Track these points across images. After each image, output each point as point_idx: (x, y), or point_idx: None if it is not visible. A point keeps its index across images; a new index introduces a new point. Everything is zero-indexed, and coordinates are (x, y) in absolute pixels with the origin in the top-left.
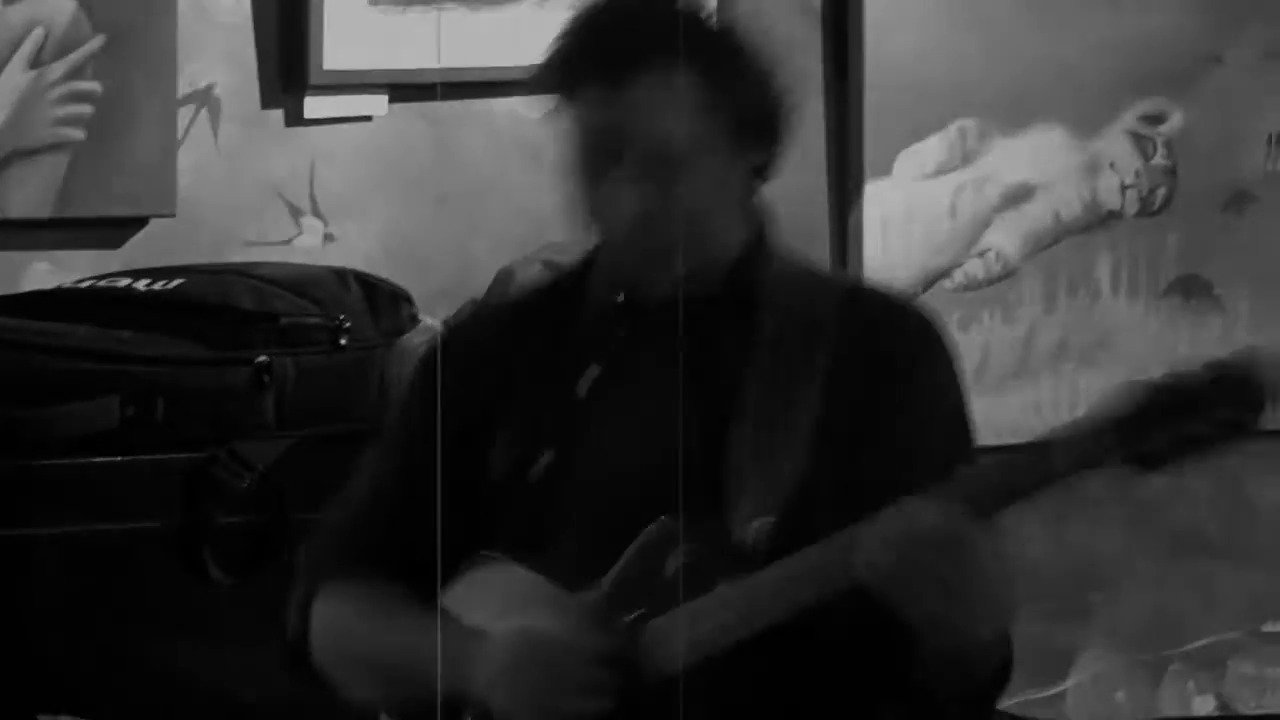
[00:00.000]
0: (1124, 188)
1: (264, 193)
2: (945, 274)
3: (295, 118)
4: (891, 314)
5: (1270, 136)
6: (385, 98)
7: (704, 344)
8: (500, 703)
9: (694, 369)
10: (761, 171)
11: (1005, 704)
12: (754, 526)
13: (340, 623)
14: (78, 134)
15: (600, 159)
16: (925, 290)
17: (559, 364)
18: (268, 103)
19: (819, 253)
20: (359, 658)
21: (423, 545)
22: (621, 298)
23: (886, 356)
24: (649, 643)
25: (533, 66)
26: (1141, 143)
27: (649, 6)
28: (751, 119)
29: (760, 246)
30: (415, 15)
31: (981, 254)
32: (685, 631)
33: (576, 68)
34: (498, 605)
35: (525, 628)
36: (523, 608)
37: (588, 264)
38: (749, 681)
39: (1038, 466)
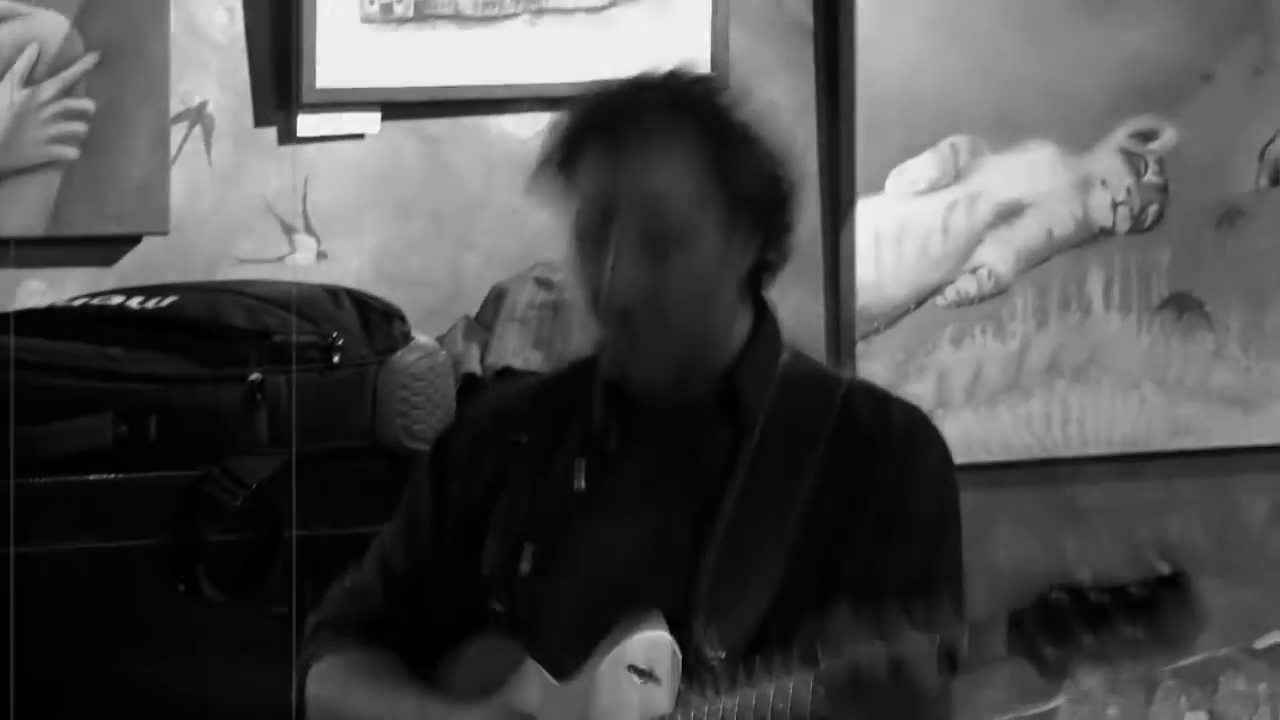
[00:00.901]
0: (1115, 205)
1: (257, 210)
2: (938, 290)
3: (288, 135)
4: (880, 413)
5: (1261, 153)
6: (378, 116)
7: (693, 452)
8: None
9: (684, 473)
10: (761, 267)
11: None
12: (711, 648)
13: (326, 696)
14: (71, 152)
15: (599, 231)
16: (918, 306)
17: (554, 460)
18: (260, 120)
19: (812, 271)
20: None
21: (421, 625)
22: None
23: (871, 458)
24: None
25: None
26: (1133, 160)
27: (658, 86)
28: (753, 209)
29: (757, 348)
30: (408, 33)
31: (974, 270)
32: None
33: (579, 138)
34: (485, 680)
35: (498, 713)
36: (507, 689)
37: (594, 362)
38: None
39: (980, 647)
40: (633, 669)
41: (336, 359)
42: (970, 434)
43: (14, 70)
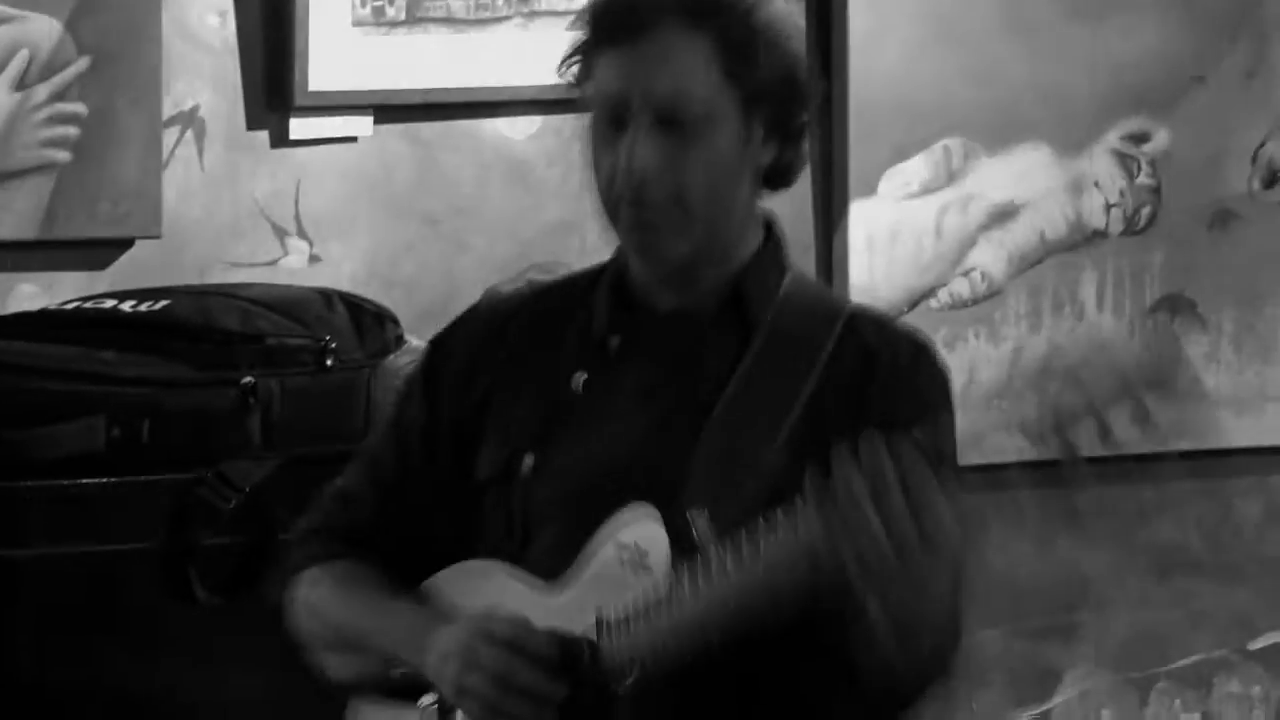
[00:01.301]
0: (1108, 206)
1: (249, 214)
2: (931, 293)
3: (280, 139)
4: (882, 336)
5: (1253, 155)
6: (370, 119)
7: (694, 356)
8: (446, 690)
9: (684, 376)
10: (774, 174)
11: None
12: (702, 527)
13: (317, 602)
14: (63, 156)
15: (617, 122)
16: (911, 309)
17: (553, 365)
18: (253, 124)
19: (805, 272)
20: (330, 633)
21: (411, 534)
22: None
23: (872, 379)
24: (605, 636)
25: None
26: (1126, 162)
27: None
28: (769, 108)
29: (764, 260)
30: (400, 36)
31: (967, 273)
32: (641, 623)
33: (596, 34)
34: (468, 595)
35: (479, 623)
36: (496, 605)
37: (601, 270)
38: (694, 689)
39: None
40: (623, 558)
41: (329, 362)
42: (963, 436)
43: (6, 74)
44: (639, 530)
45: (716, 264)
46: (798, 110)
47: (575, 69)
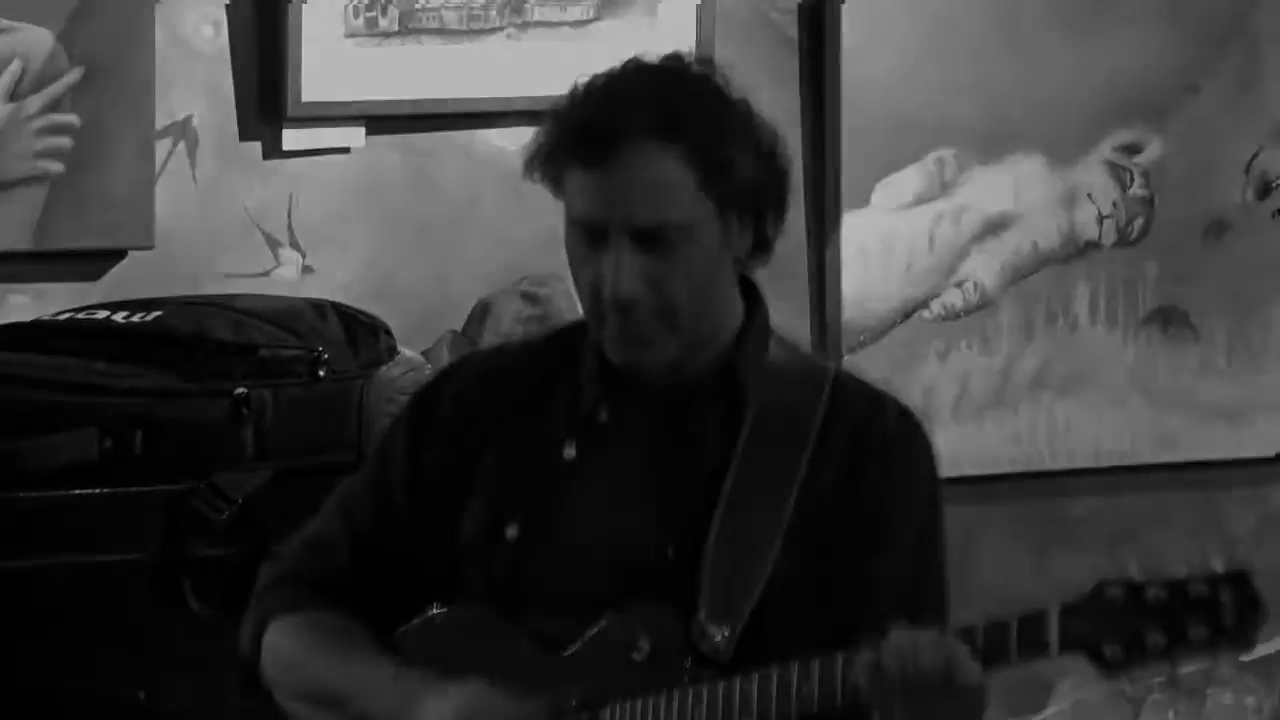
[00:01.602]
0: (1102, 218)
1: (242, 225)
2: (923, 304)
3: (273, 150)
4: (875, 409)
5: (1247, 166)
6: (363, 129)
7: (687, 432)
8: None
9: (679, 450)
10: (757, 246)
11: None
12: (714, 630)
13: (292, 654)
14: (56, 166)
15: (597, 234)
16: (904, 320)
17: (542, 430)
18: (246, 135)
19: (798, 284)
20: (305, 689)
21: (384, 587)
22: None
23: (866, 451)
24: None
25: (521, 150)
26: (1119, 173)
27: (633, 85)
28: (749, 195)
29: (751, 331)
30: (393, 47)
31: (960, 284)
32: None
33: (559, 154)
34: (463, 659)
35: (478, 690)
36: (484, 656)
37: (583, 328)
38: None
39: (992, 646)
40: (635, 645)
41: (322, 373)
42: (956, 448)
43: None
44: (656, 630)
45: (704, 346)
46: (776, 196)
47: (543, 173)
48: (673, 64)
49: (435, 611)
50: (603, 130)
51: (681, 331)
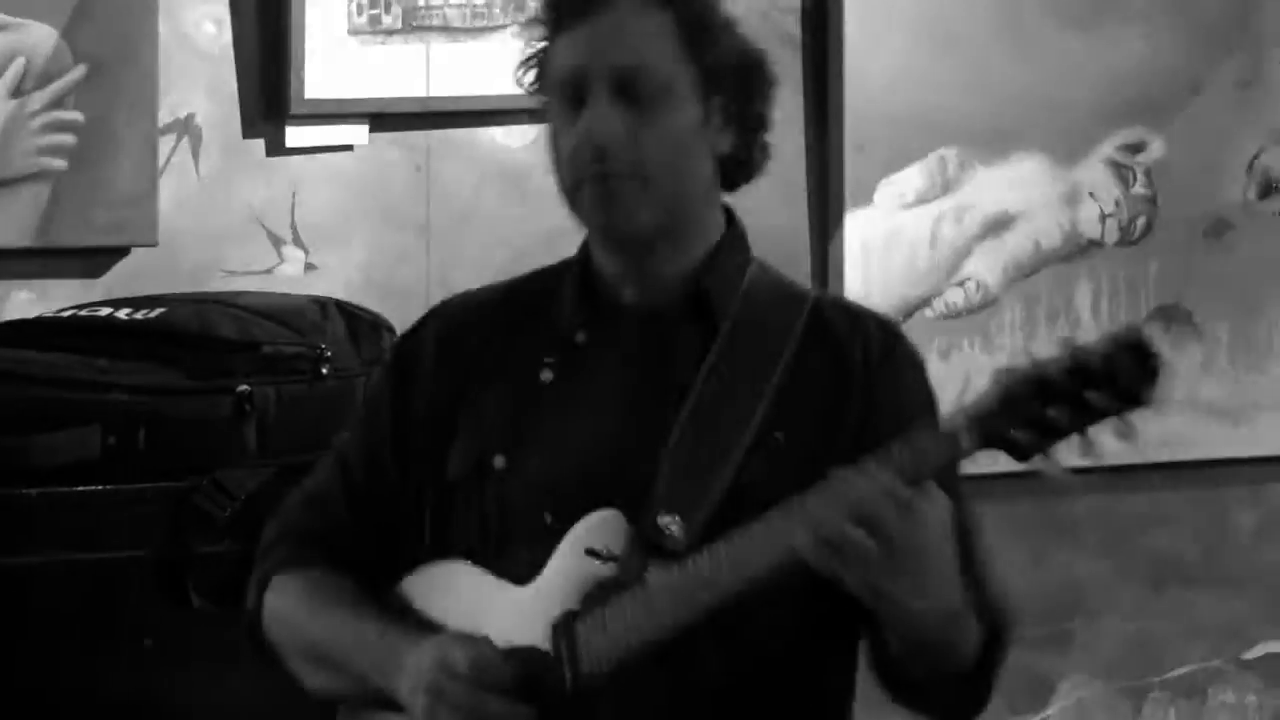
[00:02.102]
0: (1104, 216)
1: (245, 222)
2: (926, 303)
3: (276, 147)
4: (854, 327)
5: (1249, 165)
6: (366, 127)
7: (661, 349)
8: (417, 716)
9: (652, 370)
10: (734, 166)
11: None
12: (672, 522)
13: (289, 613)
14: (59, 163)
15: (575, 100)
16: (906, 319)
17: (521, 361)
18: (249, 132)
19: (800, 281)
20: (304, 648)
21: (382, 535)
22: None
23: (848, 371)
24: (580, 642)
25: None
26: (1121, 172)
27: None
28: (726, 91)
29: (728, 250)
30: (396, 45)
31: (962, 283)
32: (618, 627)
33: (554, 19)
34: (451, 610)
35: (440, 655)
36: (473, 617)
37: (567, 265)
38: (679, 667)
39: (944, 448)
40: (589, 552)
41: (325, 371)
42: None
43: (2, 81)
44: (608, 534)
45: (679, 251)
46: (755, 98)
47: (534, 71)
48: None
49: (421, 569)
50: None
51: (655, 194)
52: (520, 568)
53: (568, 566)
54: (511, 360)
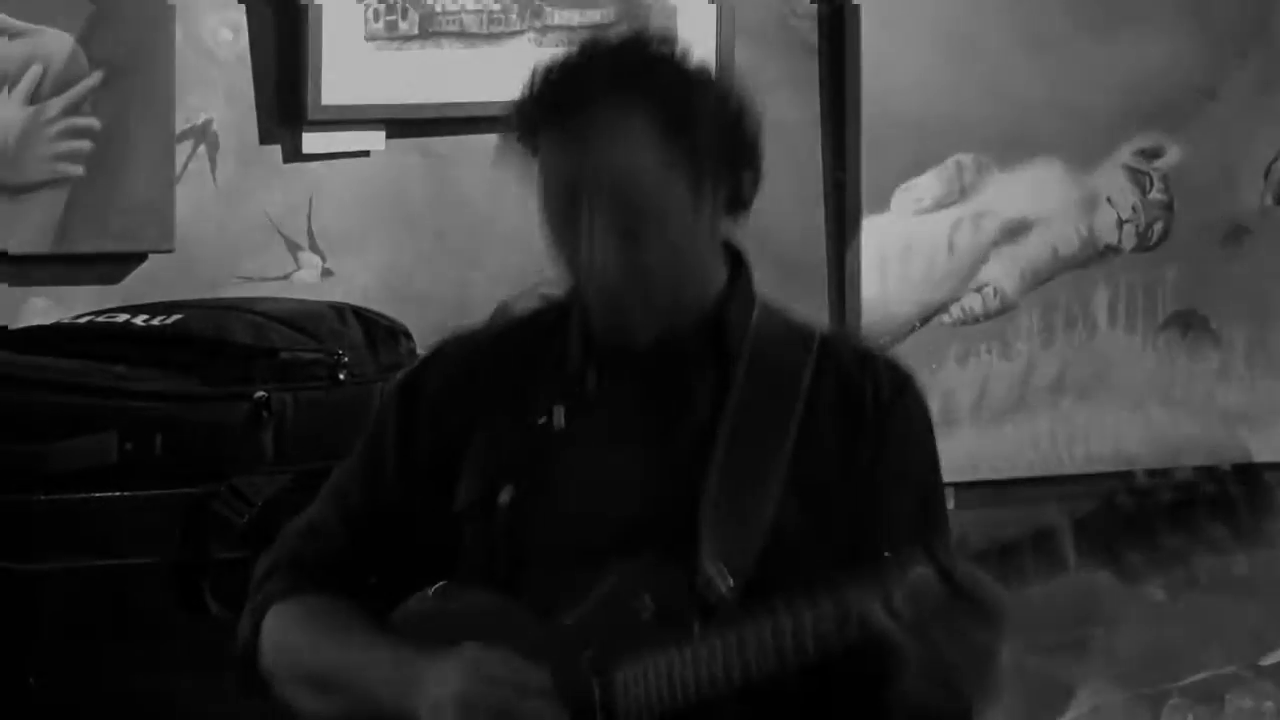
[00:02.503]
0: (1121, 222)
1: (262, 228)
2: (943, 308)
3: (293, 153)
4: (865, 366)
5: (1266, 171)
6: (383, 133)
7: (677, 391)
8: None
9: (665, 416)
10: (734, 205)
11: None
12: (720, 581)
13: (290, 640)
14: (76, 170)
15: (566, 207)
16: (923, 324)
17: (530, 400)
18: (266, 138)
19: (817, 288)
20: (306, 674)
21: (381, 565)
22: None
23: (859, 409)
24: (619, 689)
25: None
26: (1138, 177)
27: (600, 51)
28: (719, 157)
29: (736, 292)
30: (413, 51)
31: (979, 288)
32: (663, 681)
33: (534, 117)
34: (460, 637)
35: (478, 657)
36: (486, 630)
37: (568, 303)
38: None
39: (1009, 568)
40: (640, 603)
41: (342, 376)
42: (976, 452)
43: (19, 88)
44: (660, 585)
45: (688, 306)
46: (746, 144)
47: (517, 136)
48: (631, 34)
49: (431, 589)
50: (568, 94)
51: (662, 298)
52: (544, 603)
53: (607, 609)
54: (519, 400)
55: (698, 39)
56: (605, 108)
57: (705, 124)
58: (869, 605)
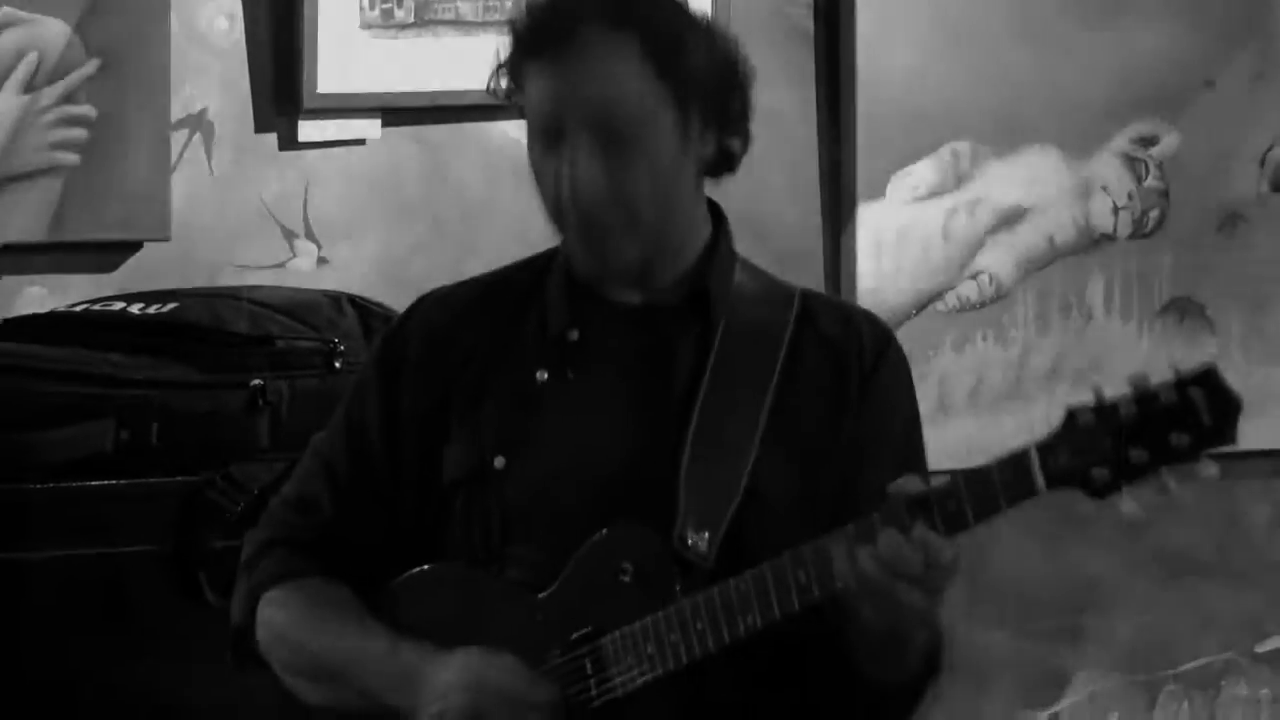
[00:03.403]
0: (1116, 210)
1: (258, 216)
2: (938, 296)
3: (289, 141)
4: (846, 325)
5: (1262, 159)
6: (379, 121)
7: (660, 351)
8: None
9: (651, 367)
10: (720, 164)
11: None
12: (699, 542)
13: (286, 628)
14: (72, 158)
15: (553, 138)
16: (919, 312)
17: (514, 362)
18: (261, 126)
19: (813, 275)
20: (306, 665)
21: (371, 536)
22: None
23: (843, 372)
24: (609, 657)
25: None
26: (1134, 165)
27: None
28: (705, 99)
29: (717, 250)
30: (409, 39)
31: (975, 276)
32: (650, 644)
33: (522, 48)
34: (451, 613)
35: (483, 670)
36: (476, 621)
37: (550, 257)
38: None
39: (978, 496)
40: (621, 575)
41: (338, 365)
42: (972, 440)
43: (15, 76)
44: (634, 547)
45: (671, 258)
46: (735, 96)
47: (504, 83)
48: None
49: (415, 571)
50: (557, 20)
51: (643, 230)
52: (527, 572)
53: (588, 577)
54: (503, 359)
55: None
56: (596, 32)
57: (696, 64)
58: (841, 560)
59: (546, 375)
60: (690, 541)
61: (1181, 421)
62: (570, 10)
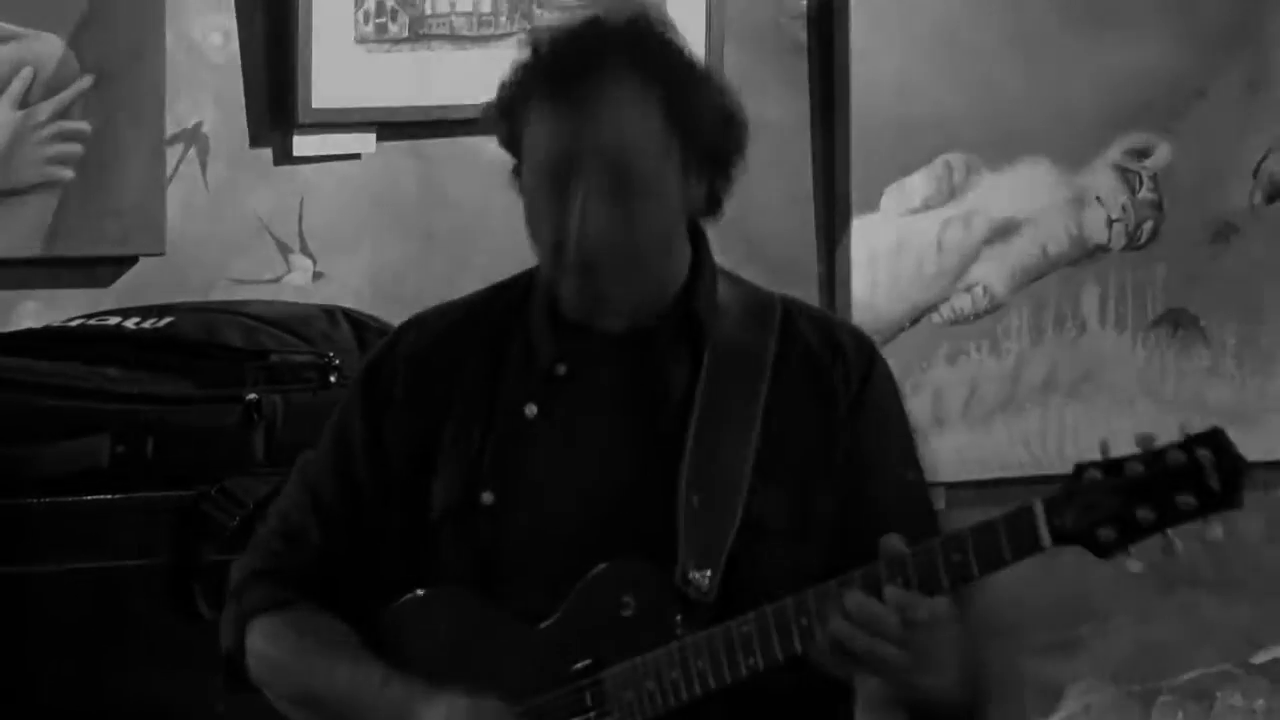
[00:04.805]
0: (1110, 221)
1: (253, 231)
2: (933, 308)
3: (284, 156)
4: (829, 340)
5: (1255, 169)
6: (373, 136)
7: (650, 380)
8: None
9: (641, 397)
10: (709, 205)
11: None
12: (699, 576)
13: (277, 658)
14: (66, 173)
15: (561, 183)
16: (913, 324)
17: (501, 394)
18: (256, 141)
19: (807, 288)
20: (296, 694)
21: (359, 564)
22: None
23: (829, 393)
24: (609, 692)
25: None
26: (1128, 176)
27: (608, 22)
28: (708, 147)
29: (700, 274)
30: (403, 53)
31: (969, 288)
32: (651, 680)
33: (531, 84)
34: (452, 640)
35: (465, 708)
36: (477, 649)
37: (529, 281)
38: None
39: (984, 550)
40: (621, 601)
41: (333, 379)
42: (966, 451)
43: (9, 92)
44: (640, 583)
45: (658, 289)
46: (733, 151)
47: (503, 115)
48: (638, 12)
49: (413, 595)
50: (580, 62)
51: (641, 275)
52: (527, 606)
53: (589, 609)
54: (489, 392)
55: (688, 40)
56: (614, 75)
57: (703, 113)
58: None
59: (535, 410)
60: (692, 578)
61: (1188, 483)
62: (595, 51)
